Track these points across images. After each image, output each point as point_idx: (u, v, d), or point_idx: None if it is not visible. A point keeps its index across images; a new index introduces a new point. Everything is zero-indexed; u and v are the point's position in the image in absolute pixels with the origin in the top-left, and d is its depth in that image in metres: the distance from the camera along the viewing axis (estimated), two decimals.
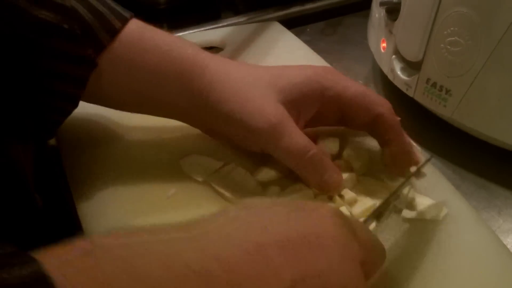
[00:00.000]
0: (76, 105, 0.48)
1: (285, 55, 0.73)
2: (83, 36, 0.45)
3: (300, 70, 0.49)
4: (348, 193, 0.47)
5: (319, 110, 0.50)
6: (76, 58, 0.45)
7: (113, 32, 0.47)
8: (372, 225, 0.42)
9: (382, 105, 0.48)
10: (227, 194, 0.49)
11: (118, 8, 0.49)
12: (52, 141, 0.57)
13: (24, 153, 0.59)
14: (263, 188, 0.50)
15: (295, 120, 0.47)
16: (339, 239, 0.32)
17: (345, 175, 0.48)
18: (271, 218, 0.32)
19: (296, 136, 0.46)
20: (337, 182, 0.47)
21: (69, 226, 0.52)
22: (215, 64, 0.49)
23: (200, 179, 0.51)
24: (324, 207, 0.35)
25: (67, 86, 0.46)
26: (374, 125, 0.49)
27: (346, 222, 0.34)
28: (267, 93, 0.47)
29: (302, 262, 0.30)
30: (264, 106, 0.46)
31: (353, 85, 0.49)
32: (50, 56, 0.44)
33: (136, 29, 0.49)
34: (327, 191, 0.47)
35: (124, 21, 0.48)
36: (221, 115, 0.47)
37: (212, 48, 0.78)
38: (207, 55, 0.50)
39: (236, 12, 0.88)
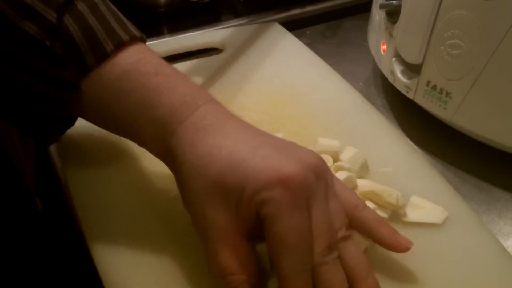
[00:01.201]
0: (62, 120, 0.47)
1: (285, 56, 0.73)
2: (66, 56, 0.42)
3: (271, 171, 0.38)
4: None
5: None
6: (56, 80, 0.42)
7: (102, 56, 0.43)
8: None
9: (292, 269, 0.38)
10: None
11: (121, 28, 0.44)
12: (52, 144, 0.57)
13: (24, 156, 0.59)
14: None
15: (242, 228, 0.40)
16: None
17: (343, 175, 0.48)
18: None
19: (221, 258, 0.39)
20: None
21: (69, 229, 0.52)
22: (184, 129, 0.41)
23: None
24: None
25: (48, 104, 0.43)
26: None
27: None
28: (217, 203, 0.39)
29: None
30: (207, 218, 0.39)
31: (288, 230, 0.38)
32: (30, 72, 0.42)
33: (129, 58, 0.44)
34: None
35: (119, 45, 0.43)
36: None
37: (212, 50, 0.78)
38: (187, 108, 0.42)
39: (237, 15, 0.88)
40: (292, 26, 0.85)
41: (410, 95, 0.61)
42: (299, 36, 0.80)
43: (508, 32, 0.48)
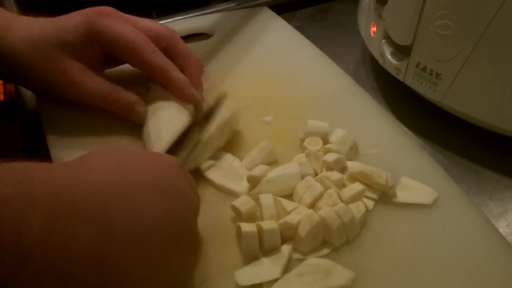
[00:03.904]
0: None
1: (274, 40, 0.73)
2: None
3: (76, 17, 0.54)
4: (335, 175, 0.47)
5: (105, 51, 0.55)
6: None
7: None
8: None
9: (146, 53, 0.54)
10: (216, 180, 0.49)
11: None
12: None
13: (13, 150, 0.59)
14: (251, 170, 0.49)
15: (92, 63, 0.54)
16: (181, 187, 0.38)
17: (333, 157, 0.48)
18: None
19: (92, 83, 0.53)
20: (136, 111, 0.55)
21: None
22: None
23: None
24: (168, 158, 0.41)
25: None
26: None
27: (186, 174, 0.41)
28: (56, 55, 0.52)
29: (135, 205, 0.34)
30: (63, 66, 0.52)
31: (125, 30, 0.54)
32: None
33: None
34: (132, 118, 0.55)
35: None
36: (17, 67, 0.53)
37: (201, 35, 0.77)
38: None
39: None
40: (281, 9, 0.85)
41: (400, 77, 0.60)
42: (289, 20, 0.79)
43: (497, 12, 0.48)
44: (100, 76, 0.54)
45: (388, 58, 0.61)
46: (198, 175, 0.50)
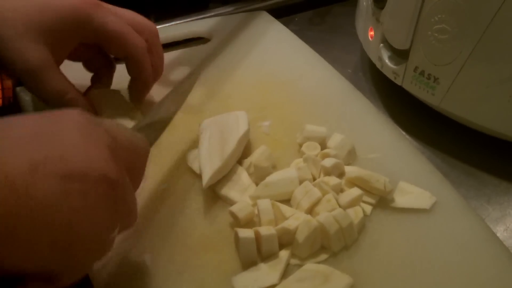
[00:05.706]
0: None
1: (273, 45, 0.73)
2: None
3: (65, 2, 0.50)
4: (333, 180, 0.47)
5: (81, 42, 0.53)
6: None
7: None
8: None
9: (137, 46, 0.54)
10: (222, 192, 0.49)
11: None
12: None
13: None
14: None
15: (58, 55, 0.51)
16: (79, 124, 0.35)
17: (331, 162, 0.48)
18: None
19: (53, 82, 0.50)
20: None
21: None
22: None
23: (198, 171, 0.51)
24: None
25: None
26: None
27: (91, 117, 0.37)
28: (27, 33, 0.48)
29: (41, 146, 0.32)
30: (23, 50, 0.48)
31: (114, 21, 0.52)
32: None
33: None
34: None
35: None
36: None
37: (199, 39, 0.77)
38: None
39: (224, 2, 0.87)
40: (280, 13, 0.85)
41: (398, 81, 0.60)
42: (287, 23, 0.79)
43: (494, 16, 0.48)
44: (60, 73, 0.52)
45: (386, 62, 0.61)
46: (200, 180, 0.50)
